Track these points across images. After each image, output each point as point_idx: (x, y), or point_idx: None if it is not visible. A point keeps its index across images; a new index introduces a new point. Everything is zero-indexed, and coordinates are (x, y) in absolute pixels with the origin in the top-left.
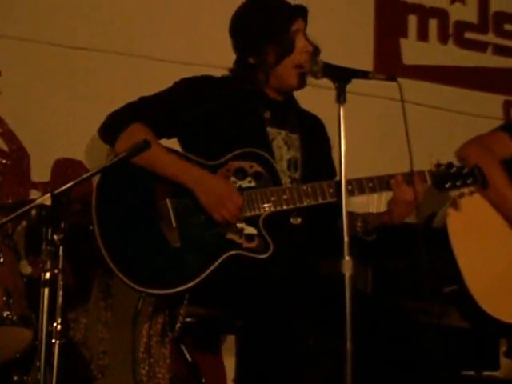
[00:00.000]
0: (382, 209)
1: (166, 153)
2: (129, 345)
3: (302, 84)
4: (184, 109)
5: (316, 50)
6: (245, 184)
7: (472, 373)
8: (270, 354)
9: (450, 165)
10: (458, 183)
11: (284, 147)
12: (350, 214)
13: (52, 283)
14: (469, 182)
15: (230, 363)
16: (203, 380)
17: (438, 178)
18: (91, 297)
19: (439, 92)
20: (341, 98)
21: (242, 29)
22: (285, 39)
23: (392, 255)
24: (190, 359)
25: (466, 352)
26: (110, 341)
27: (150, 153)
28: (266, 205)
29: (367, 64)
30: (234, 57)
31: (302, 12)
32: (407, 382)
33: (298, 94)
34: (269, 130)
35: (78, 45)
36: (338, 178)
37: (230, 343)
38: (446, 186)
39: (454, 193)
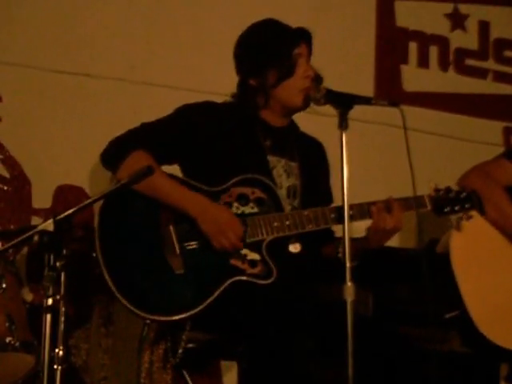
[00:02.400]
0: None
1: (167, 180)
2: (130, 371)
3: (303, 105)
4: (185, 135)
5: (318, 78)
6: (247, 210)
7: None
8: (272, 380)
9: (448, 189)
10: (456, 208)
11: (284, 175)
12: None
13: (54, 309)
14: (467, 206)
15: None
16: None
17: (437, 203)
18: (92, 323)
19: (439, 118)
20: (343, 125)
21: (244, 50)
22: (285, 61)
23: (393, 280)
24: None
25: (466, 377)
26: (111, 367)
27: (152, 180)
28: (269, 230)
29: (368, 90)
30: (234, 84)
31: (305, 36)
32: None
33: (300, 121)
34: (269, 158)
35: (79, 71)
36: (334, 203)
37: (231, 369)
38: (445, 210)
39: (455, 218)
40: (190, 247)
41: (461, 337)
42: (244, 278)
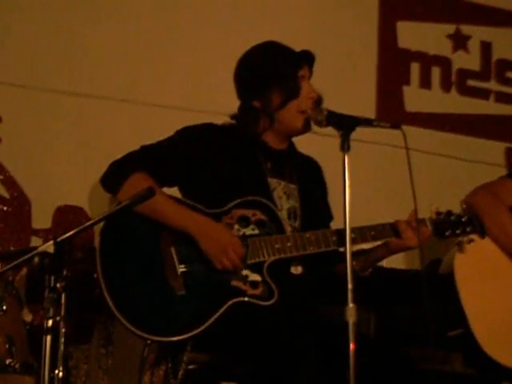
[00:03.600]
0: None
1: (168, 201)
2: None
3: (307, 127)
4: (186, 158)
5: (320, 99)
6: (248, 231)
7: None
8: None
9: (449, 213)
10: (457, 231)
11: (284, 197)
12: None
13: (54, 330)
14: (468, 229)
15: None
16: None
17: (438, 226)
18: (92, 343)
19: (442, 139)
20: (345, 146)
21: (248, 72)
22: (291, 83)
23: (395, 301)
24: None
25: None
26: None
27: (153, 201)
28: (270, 251)
29: (370, 111)
30: (235, 104)
31: (309, 58)
32: None
33: (301, 142)
34: (269, 180)
35: (79, 91)
36: (333, 222)
37: None
38: (446, 233)
39: (457, 239)
40: (191, 268)
41: (463, 356)
42: (245, 299)
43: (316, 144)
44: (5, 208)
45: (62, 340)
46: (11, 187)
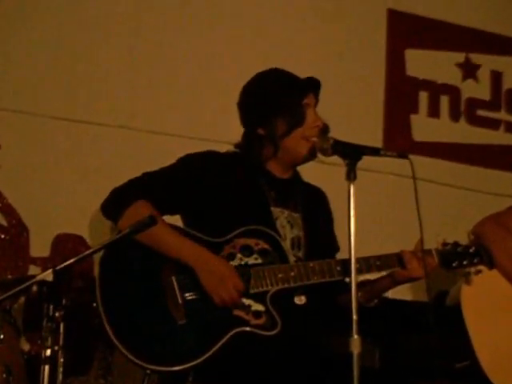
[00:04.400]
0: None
1: (168, 230)
2: None
3: (312, 155)
4: (187, 186)
5: (325, 128)
6: (251, 261)
7: None
8: None
9: (456, 244)
10: (464, 262)
11: (287, 226)
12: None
13: (52, 360)
14: (475, 261)
15: None
16: None
17: (445, 257)
18: (91, 374)
19: (450, 169)
20: (351, 176)
21: (252, 99)
22: (296, 111)
23: (401, 333)
24: None
25: None
26: None
27: (153, 230)
28: (273, 281)
29: (377, 139)
30: (237, 132)
31: (315, 86)
32: None
33: (306, 170)
34: (273, 209)
35: (79, 118)
36: (339, 253)
37: None
38: (453, 265)
39: (464, 271)
40: (193, 297)
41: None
42: (248, 328)
43: (322, 173)
44: (2, 236)
45: (61, 370)
46: (9, 215)
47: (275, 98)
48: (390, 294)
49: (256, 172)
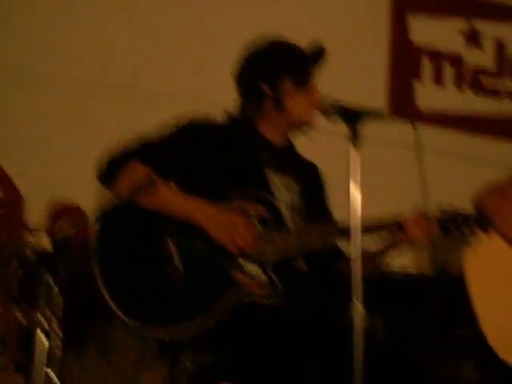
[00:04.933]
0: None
1: (170, 190)
2: None
3: (309, 123)
4: (182, 151)
5: (322, 103)
6: None
7: None
8: None
9: (454, 211)
10: (463, 228)
11: (282, 189)
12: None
13: (47, 330)
14: (474, 228)
15: None
16: None
17: (443, 223)
18: (87, 351)
19: (454, 138)
20: (353, 139)
21: (264, 53)
22: (305, 73)
23: (405, 304)
24: None
25: None
26: None
27: (155, 191)
28: (273, 248)
29: (380, 107)
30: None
31: (320, 57)
32: None
33: (308, 141)
34: (267, 171)
35: (76, 77)
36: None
37: None
38: (452, 230)
39: (463, 238)
40: (191, 262)
41: (473, 357)
42: (248, 296)
43: (323, 143)
44: None
45: (57, 341)
46: (4, 184)
47: (287, 56)
48: (392, 266)
49: (251, 137)
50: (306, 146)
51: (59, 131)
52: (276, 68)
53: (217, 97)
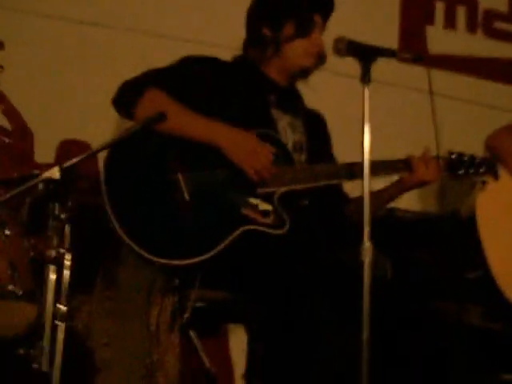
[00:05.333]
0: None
1: (191, 112)
2: (134, 335)
3: (304, 72)
4: (188, 87)
5: (323, 56)
6: None
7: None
8: (284, 343)
9: (461, 154)
10: (471, 171)
11: (288, 130)
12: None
13: (57, 262)
14: (481, 170)
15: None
16: (213, 368)
17: (451, 165)
18: (95, 285)
19: (466, 83)
20: (365, 78)
21: None
22: (306, 19)
23: (414, 245)
24: (199, 346)
25: (483, 351)
26: (114, 333)
27: (174, 115)
28: (281, 182)
29: None
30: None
31: (327, 8)
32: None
33: (318, 81)
34: (273, 111)
35: (85, 20)
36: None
37: (238, 334)
38: (460, 172)
39: (471, 180)
40: (200, 194)
41: (481, 299)
42: (256, 227)
43: (334, 86)
44: (6, 140)
45: (67, 273)
46: (13, 118)
47: (292, 2)
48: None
49: (256, 76)
50: (317, 87)
51: (68, 68)
52: (279, 13)
53: (223, 39)
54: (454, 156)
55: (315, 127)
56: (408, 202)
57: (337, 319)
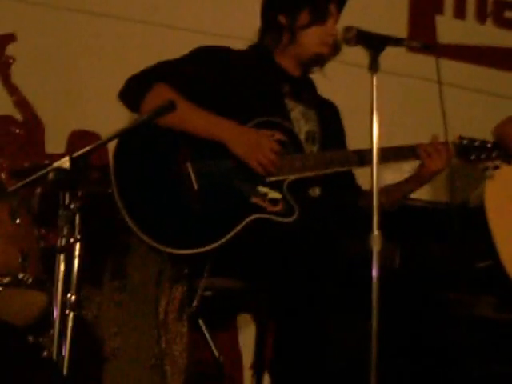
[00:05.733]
0: (399, 178)
1: (195, 108)
2: (143, 326)
3: (318, 61)
4: (201, 77)
5: (338, 46)
6: None
7: None
8: (293, 331)
9: (472, 139)
10: (482, 156)
11: (302, 120)
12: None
13: (67, 251)
14: (494, 155)
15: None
16: (221, 357)
17: (463, 150)
18: (105, 276)
19: (475, 73)
20: (374, 66)
21: None
22: (322, 7)
23: (423, 235)
24: (207, 335)
25: (495, 343)
26: (124, 322)
27: (180, 110)
28: (290, 170)
29: None
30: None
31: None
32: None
33: (328, 71)
34: (287, 101)
35: (97, 11)
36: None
37: (247, 324)
38: (471, 157)
39: (483, 165)
40: (209, 184)
41: (491, 288)
42: (265, 215)
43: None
44: (17, 130)
45: (77, 262)
46: (24, 109)
47: None
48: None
49: (270, 66)
50: (326, 78)
51: (80, 60)
52: (295, 1)
53: (236, 30)
54: (465, 141)
55: (328, 117)
56: (417, 191)
57: (346, 307)
